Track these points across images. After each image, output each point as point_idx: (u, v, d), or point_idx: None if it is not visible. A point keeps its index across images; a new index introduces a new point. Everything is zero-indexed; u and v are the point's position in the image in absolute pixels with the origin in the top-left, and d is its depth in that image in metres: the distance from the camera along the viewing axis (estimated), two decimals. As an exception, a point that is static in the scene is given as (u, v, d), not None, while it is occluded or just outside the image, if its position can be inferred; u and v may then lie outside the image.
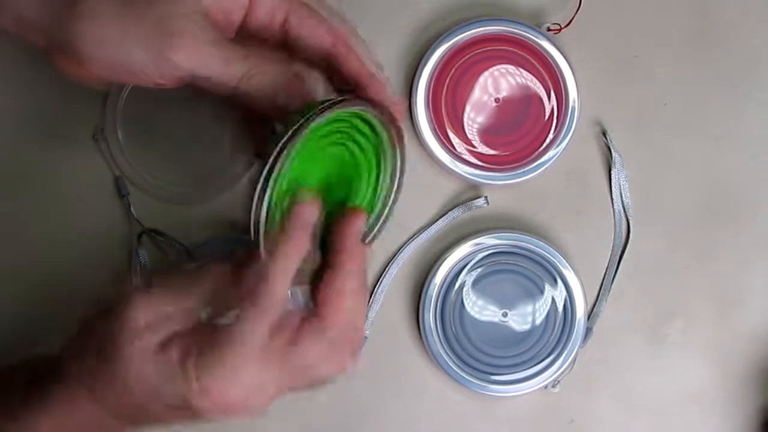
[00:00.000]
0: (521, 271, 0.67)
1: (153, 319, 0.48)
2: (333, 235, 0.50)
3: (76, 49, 0.47)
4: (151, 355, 0.48)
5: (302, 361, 0.48)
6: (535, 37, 0.66)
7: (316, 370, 0.49)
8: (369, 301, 0.67)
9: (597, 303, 0.68)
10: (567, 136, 0.67)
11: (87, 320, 0.51)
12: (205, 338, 0.48)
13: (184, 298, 0.49)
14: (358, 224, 0.50)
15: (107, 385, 0.49)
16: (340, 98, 0.49)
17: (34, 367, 0.54)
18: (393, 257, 0.67)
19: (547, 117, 0.67)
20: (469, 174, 0.67)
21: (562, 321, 0.67)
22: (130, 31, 0.46)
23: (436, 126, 0.67)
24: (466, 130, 0.67)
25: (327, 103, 0.48)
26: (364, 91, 0.50)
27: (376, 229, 0.53)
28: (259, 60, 0.48)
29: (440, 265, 0.66)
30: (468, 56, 0.67)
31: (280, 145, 0.46)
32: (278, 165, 0.46)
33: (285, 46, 0.51)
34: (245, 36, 0.50)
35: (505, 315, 0.67)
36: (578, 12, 0.67)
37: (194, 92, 0.50)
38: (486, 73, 0.67)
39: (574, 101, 0.67)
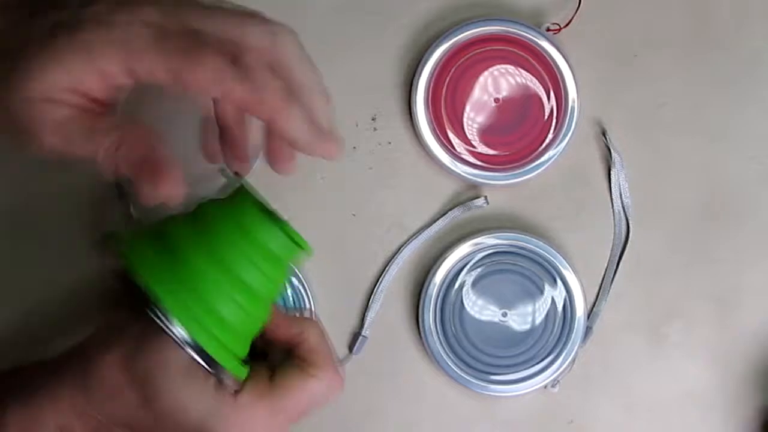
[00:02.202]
0: (521, 271, 0.67)
1: None
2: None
3: None
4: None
5: (300, 412, 0.55)
6: (535, 37, 0.66)
7: (311, 409, 0.56)
8: (369, 302, 0.67)
9: (597, 303, 0.68)
10: (567, 136, 0.67)
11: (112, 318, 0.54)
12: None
13: None
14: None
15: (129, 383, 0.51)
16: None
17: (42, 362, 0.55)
18: (393, 257, 0.67)
19: (546, 117, 0.67)
20: (469, 174, 0.67)
21: (561, 321, 0.67)
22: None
23: (435, 126, 0.67)
24: (466, 130, 0.67)
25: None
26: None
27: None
28: (119, 139, 0.50)
29: (440, 265, 0.66)
30: (468, 56, 0.67)
31: None
32: None
33: None
34: None
35: (504, 315, 0.67)
36: (578, 12, 0.67)
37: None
38: (486, 73, 0.67)
39: (573, 101, 0.66)
